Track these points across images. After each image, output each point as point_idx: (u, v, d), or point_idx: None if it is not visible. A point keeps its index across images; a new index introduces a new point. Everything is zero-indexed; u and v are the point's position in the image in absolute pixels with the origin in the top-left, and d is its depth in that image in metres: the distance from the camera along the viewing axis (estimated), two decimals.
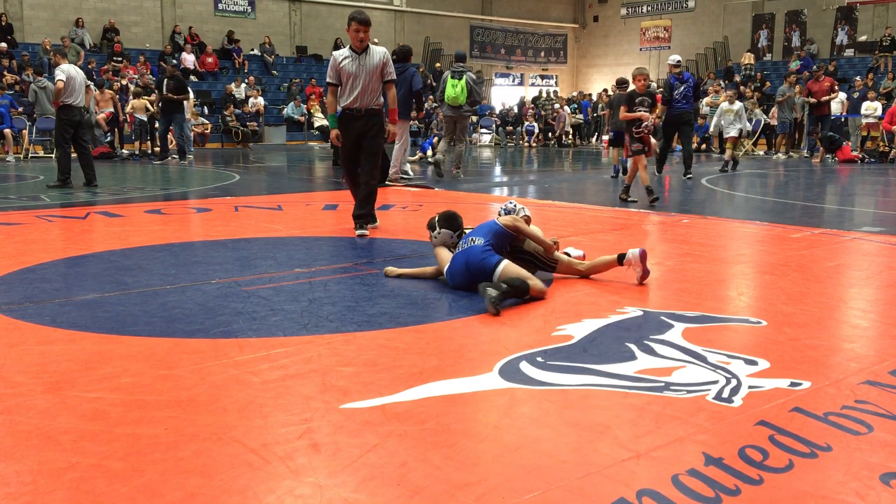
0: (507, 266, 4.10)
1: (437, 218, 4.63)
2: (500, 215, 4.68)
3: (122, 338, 3.32)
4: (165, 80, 14.71)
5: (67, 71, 9.71)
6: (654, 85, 11.97)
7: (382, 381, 2.77)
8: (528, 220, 4.75)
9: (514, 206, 4.82)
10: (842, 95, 18.60)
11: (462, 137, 12.15)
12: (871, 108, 17.45)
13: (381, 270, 4.75)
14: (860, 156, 16.23)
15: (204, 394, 2.65)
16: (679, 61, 12.53)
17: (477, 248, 4.18)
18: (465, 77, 11.41)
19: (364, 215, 6.23)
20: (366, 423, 2.39)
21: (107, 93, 16.81)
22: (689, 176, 11.59)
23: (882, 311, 3.96)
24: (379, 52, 6.18)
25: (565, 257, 4.64)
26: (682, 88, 11.72)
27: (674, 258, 5.24)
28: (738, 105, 13.57)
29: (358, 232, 6.13)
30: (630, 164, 8.54)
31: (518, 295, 3.95)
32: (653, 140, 8.60)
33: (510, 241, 4.43)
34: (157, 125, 16.35)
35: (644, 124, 8.10)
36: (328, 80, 6.18)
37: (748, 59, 25.55)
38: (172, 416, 2.44)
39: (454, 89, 11.39)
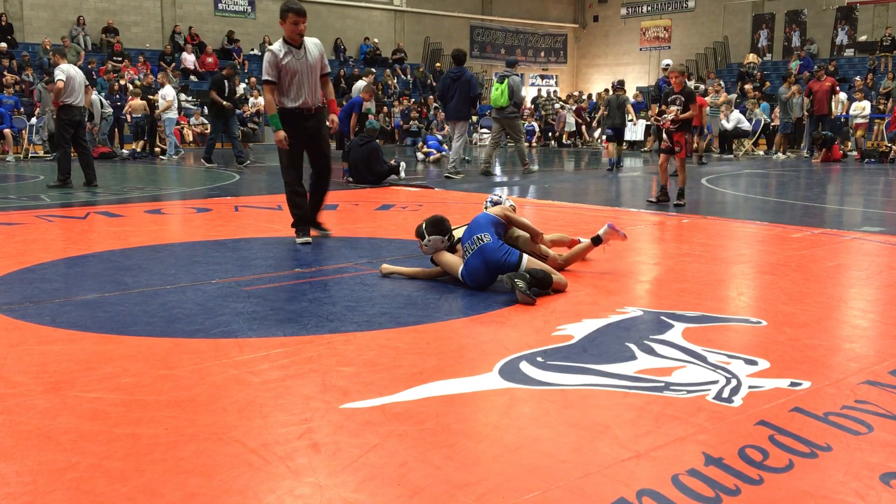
0: (529, 261, 4.19)
1: (423, 225, 4.50)
2: (486, 208, 4.73)
3: (122, 338, 3.32)
4: (226, 82, 13.24)
5: (67, 71, 9.71)
6: (691, 84, 11.86)
7: (382, 381, 2.77)
8: (513, 210, 4.82)
9: (500, 197, 4.86)
10: (842, 95, 18.60)
11: (518, 137, 12.89)
12: (860, 107, 17.22)
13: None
14: (842, 154, 16.32)
15: (204, 394, 2.65)
16: (669, 64, 13.59)
17: (490, 245, 4.17)
18: (506, 81, 12.04)
19: (312, 219, 5.94)
20: (366, 423, 2.39)
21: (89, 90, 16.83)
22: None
23: (882, 311, 3.96)
24: (316, 44, 5.77)
25: (552, 252, 4.66)
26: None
27: (674, 258, 5.24)
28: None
29: (302, 240, 5.70)
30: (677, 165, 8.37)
31: (542, 286, 4.00)
32: (690, 137, 8.44)
33: (502, 234, 4.46)
34: (159, 124, 16.30)
35: (664, 117, 7.94)
36: (268, 77, 5.53)
37: (752, 58, 25.53)
38: (172, 416, 2.44)
39: (496, 92, 12.12)
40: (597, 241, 4.74)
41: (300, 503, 1.91)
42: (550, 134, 23.72)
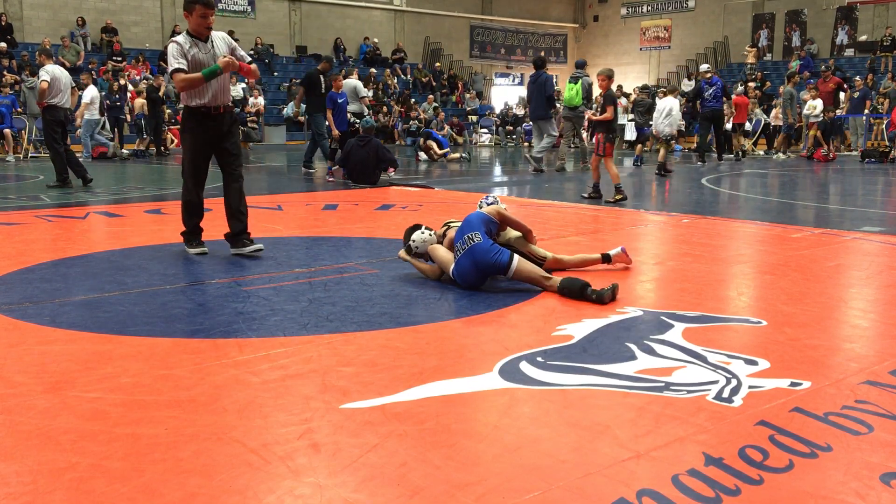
0: (520, 262, 4.19)
1: (405, 237, 4.68)
2: (480, 208, 4.73)
3: (122, 338, 3.32)
4: (322, 78, 12.16)
5: (52, 71, 9.77)
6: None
7: (382, 381, 2.77)
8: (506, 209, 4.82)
9: (495, 199, 4.86)
10: (841, 95, 18.60)
11: (576, 132, 13.90)
12: (811, 107, 16.73)
13: (381, 271, 4.75)
14: (807, 154, 16.51)
15: (204, 394, 2.65)
16: (708, 68, 15.95)
17: (481, 246, 4.16)
18: (580, 81, 12.83)
19: (238, 235, 5.29)
20: (366, 423, 2.39)
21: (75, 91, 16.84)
22: (725, 158, 15.20)
23: (882, 311, 3.96)
24: (223, 38, 5.25)
25: (550, 254, 4.66)
26: (712, 90, 14.81)
27: (674, 258, 5.24)
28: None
29: (249, 250, 5.22)
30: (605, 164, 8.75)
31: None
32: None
33: (496, 233, 4.46)
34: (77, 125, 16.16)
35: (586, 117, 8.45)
36: (178, 66, 4.97)
37: (751, 56, 25.54)
38: (172, 416, 2.44)
39: (570, 92, 12.84)
40: (606, 258, 4.78)
41: (300, 503, 1.91)
42: None
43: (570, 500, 1.93)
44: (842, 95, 18.60)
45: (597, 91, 11.10)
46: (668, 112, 12.32)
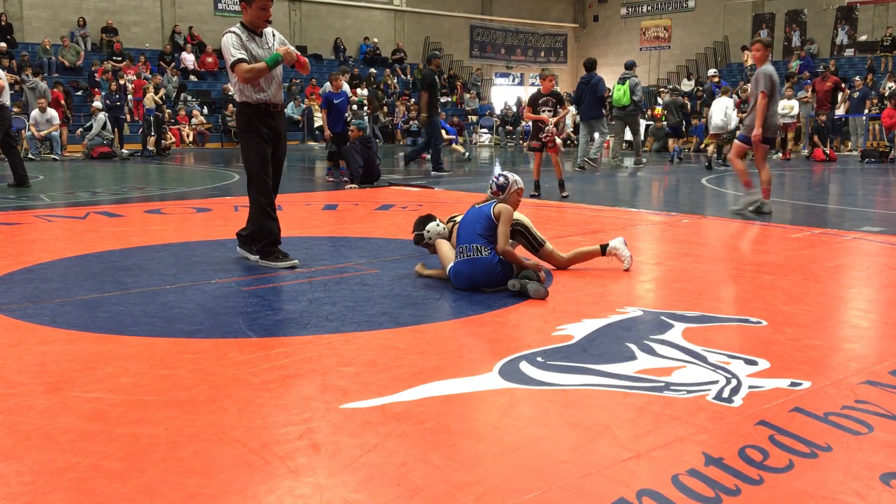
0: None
1: (415, 226, 4.67)
2: (491, 189, 4.59)
3: (122, 338, 3.32)
4: (434, 77, 11.98)
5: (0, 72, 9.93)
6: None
7: (382, 381, 2.77)
8: (520, 192, 4.63)
9: (507, 179, 4.56)
10: (839, 95, 18.58)
11: (637, 131, 14.91)
12: (788, 107, 16.61)
13: (381, 271, 4.76)
14: (788, 156, 16.48)
15: (204, 394, 2.65)
16: (716, 72, 17.84)
17: (487, 262, 4.13)
18: (627, 82, 13.87)
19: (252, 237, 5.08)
20: (366, 423, 2.39)
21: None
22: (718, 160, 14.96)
23: (882, 311, 3.96)
24: (273, 32, 5.04)
25: (549, 244, 4.65)
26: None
27: (674, 258, 5.24)
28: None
29: (287, 263, 4.89)
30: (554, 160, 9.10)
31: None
32: (558, 140, 9.05)
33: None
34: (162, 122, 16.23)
35: (547, 128, 8.69)
36: (240, 56, 4.70)
37: (749, 59, 25.47)
38: (172, 416, 2.44)
39: (618, 93, 13.94)
40: (604, 249, 4.74)
41: (300, 503, 1.91)
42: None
43: (570, 500, 1.93)
44: (839, 95, 18.58)
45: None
46: (724, 110, 13.65)
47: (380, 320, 3.63)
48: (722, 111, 13.65)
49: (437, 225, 4.63)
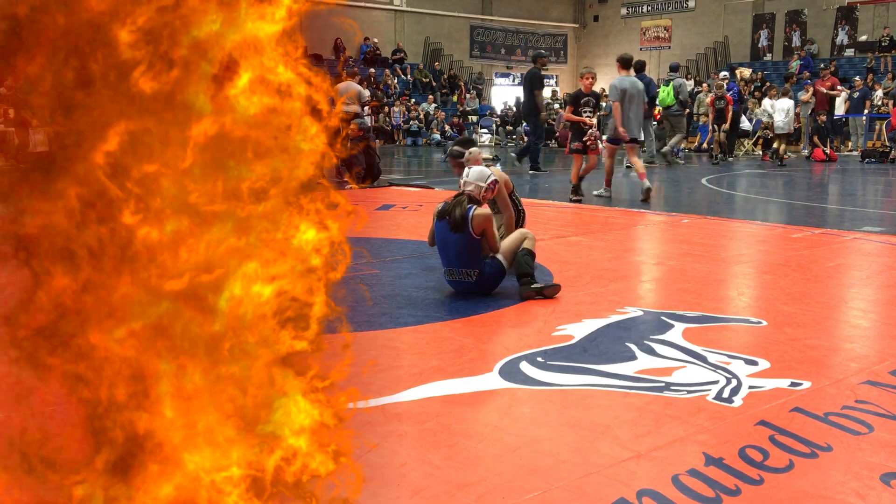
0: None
1: (458, 142, 4.77)
2: (463, 181, 4.13)
3: None
4: (541, 76, 11.92)
5: None
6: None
7: (382, 381, 2.77)
8: (495, 183, 4.17)
9: (478, 187, 4.06)
10: (844, 95, 18.55)
11: (681, 132, 15.00)
12: (780, 109, 16.18)
13: (381, 271, 4.76)
14: (768, 157, 16.24)
15: None
16: (727, 75, 17.97)
17: (474, 283, 4.10)
18: (671, 84, 14.36)
19: None
20: (366, 423, 2.39)
21: None
22: (729, 158, 15.73)
23: (882, 311, 3.96)
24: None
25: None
26: (729, 94, 16.00)
27: (674, 258, 5.24)
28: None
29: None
30: (574, 162, 8.73)
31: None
32: (600, 144, 8.69)
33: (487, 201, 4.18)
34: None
35: (590, 131, 8.37)
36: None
37: (745, 73, 25.25)
38: None
39: (663, 93, 14.36)
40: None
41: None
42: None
43: (571, 500, 1.93)
44: (844, 95, 18.56)
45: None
46: (787, 111, 14.54)
47: (380, 320, 3.63)
48: (784, 112, 14.41)
49: (481, 154, 4.71)
